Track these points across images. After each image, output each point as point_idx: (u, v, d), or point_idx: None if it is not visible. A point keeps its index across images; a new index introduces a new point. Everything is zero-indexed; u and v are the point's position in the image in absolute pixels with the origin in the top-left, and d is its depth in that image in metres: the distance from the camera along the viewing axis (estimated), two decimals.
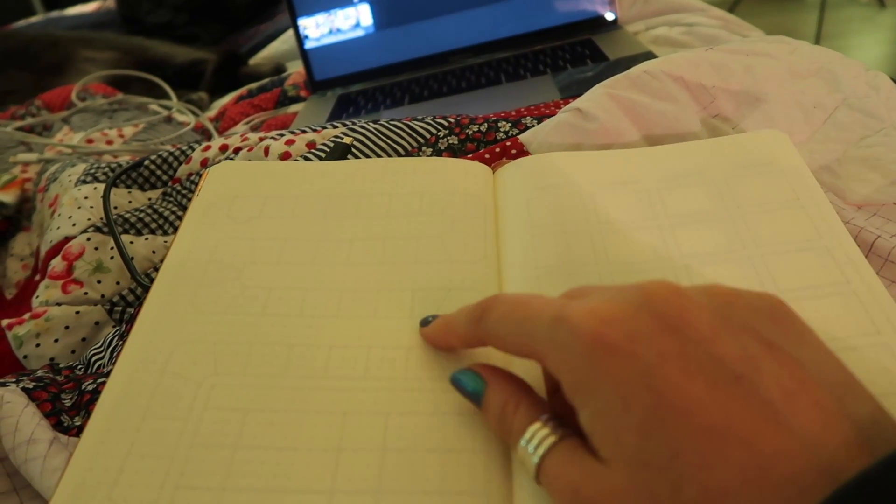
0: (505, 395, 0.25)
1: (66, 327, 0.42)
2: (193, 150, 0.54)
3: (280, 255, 0.35)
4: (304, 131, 0.49)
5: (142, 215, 0.50)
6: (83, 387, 0.35)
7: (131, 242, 0.47)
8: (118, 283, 0.46)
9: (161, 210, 0.51)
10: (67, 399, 0.34)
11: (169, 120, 0.81)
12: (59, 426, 0.31)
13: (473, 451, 0.26)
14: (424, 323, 0.30)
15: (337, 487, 0.26)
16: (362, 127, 0.48)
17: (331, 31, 0.81)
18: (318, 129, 0.49)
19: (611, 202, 0.36)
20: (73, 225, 0.48)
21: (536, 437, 0.23)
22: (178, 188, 0.53)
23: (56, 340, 0.42)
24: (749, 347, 0.20)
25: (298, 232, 0.37)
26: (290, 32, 1.07)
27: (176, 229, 0.49)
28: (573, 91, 0.63)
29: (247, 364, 0.30)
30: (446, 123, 0.48)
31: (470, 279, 0.33)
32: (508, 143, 0.44)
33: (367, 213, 0.37)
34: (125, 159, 0.62)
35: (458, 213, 0.37)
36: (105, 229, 0.48)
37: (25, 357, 0.42)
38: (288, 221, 0.37)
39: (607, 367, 0.20)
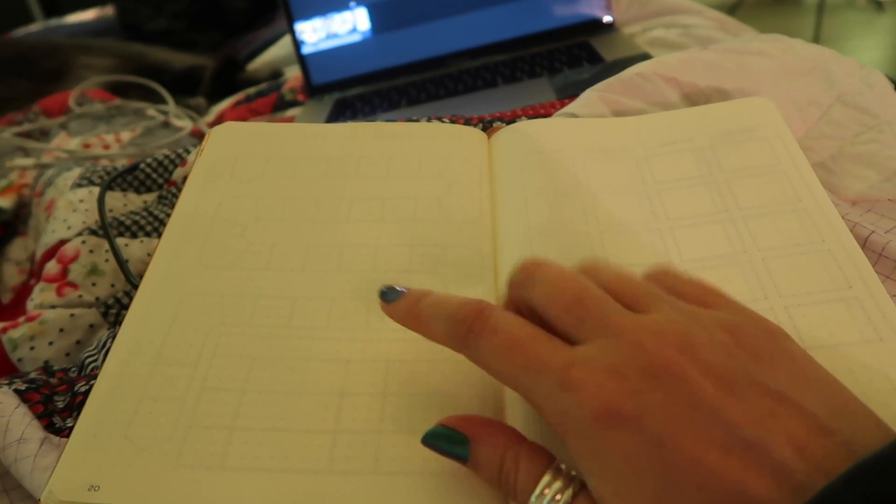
0: (499, 449, 0.23)
1: (61, 330, 0.42)
2: (189, 153, 0.54)
3: (283, 213, 0.37)
4: None
5: (137, 218, 0.49)
6: (76, 389, 0.35)
7: (126, 245, 0.47)
8: (113, 285, 0.45)
9: (156, 213, 0.50)
10: (60, 401, 0.34)
11: (166, 125, 0.81)
12: (50, 427, 0.31)
13: (469, 396, 0.28)
14: (385, 296, 0.27)
15: (340, 427, 0.27)
16: None
17: (328, 36, 0.81)
18: None
19: (601, 168, 0.37)
20: (69, 228, 0.48)
21: (550, 493, 0.21)
22: (174, 191, 0.53)
23: (51, 343, 0.42)
24: (757, 406, 0.20)
25: (300, 191, 0.38)
26: (288, 38, 1.07)
27: None
28: (569, 93, 0.63)
29: (252, 315, 0.32)
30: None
31: (466, 237, 0.35)
32: None
33: (366, 174, 0.39)
34: (122, 164, 0.62)
35: (455, 176, 0.38)
36: (100, 232, 0.48)
37: (20, 360, 0.41)
38: (289, 181, 0.39)
39: (617, 439, 0.20)
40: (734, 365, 0.21)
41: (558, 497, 0.21)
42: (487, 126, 0.46)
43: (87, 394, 0.34)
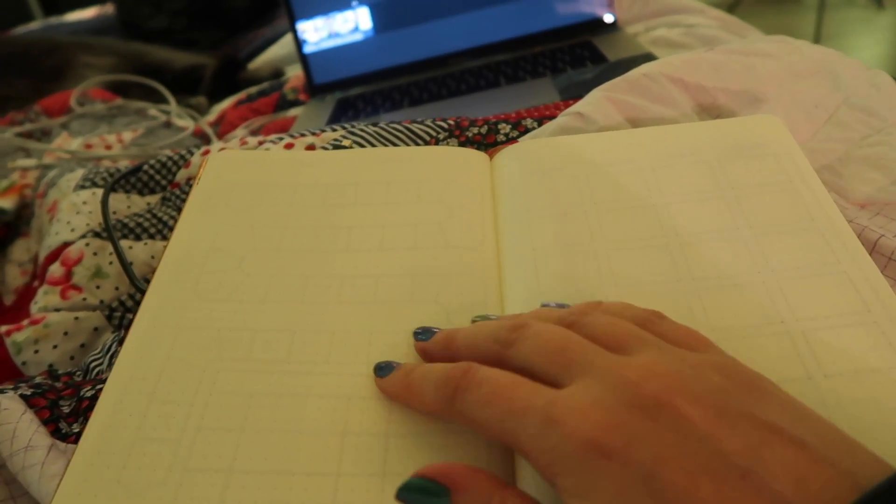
0: (483, 497, 0.22)
1: (65, 333, 0.42)
2: (192, 154, 0.54)
3: (280, 242, 0.36)
4: (303, 135, 0.49)
5: (141, 220, 0.49)
6: (81, 393, 0.35)
7: (130, 247, 0.47)
8: (117, 288, 0.45)
9: (160, 215, 0.50)
10: (66, 406, 0.34)
11: (168, 125, 0.81)
12: (57, 433, 0.31)
13: (476, 433, 0.27)
14: (380, 371, 0.29)
15: (343, 470, 0.26)
16: (362, 130, 0.48)
17: (330, 35, 0.81)
18: (318, 132, 0.49)
19: (605, 182, 0.36)
20: (72, 230, 0.48)
21: None
22: (178, 193, 0.53)
23: (55, 347, 0.42)
24: (750, 436, 0.19)
25: (298, 220, 0.37)
26: (290, 37, 1.07)
27: None
28: (572, 93, 0.63)
29: (250, 349, 0.31)
30: (446, 126, 0.47)
31: (469, 265, 0.34)
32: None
33: (365, 201, 0.38)
34: (124, 164, 0.62)
35: (456, 200, 0.37)
36: (104, 234, 0.47)
37: (24, 363, 0.41)
38: (287, 209, 0.38)
39: (606, 472, 0.19)
40: (724, 396, 0.20)
41: None
42: (493, 128, 0.46)
43: (93, 399, 0.34)
